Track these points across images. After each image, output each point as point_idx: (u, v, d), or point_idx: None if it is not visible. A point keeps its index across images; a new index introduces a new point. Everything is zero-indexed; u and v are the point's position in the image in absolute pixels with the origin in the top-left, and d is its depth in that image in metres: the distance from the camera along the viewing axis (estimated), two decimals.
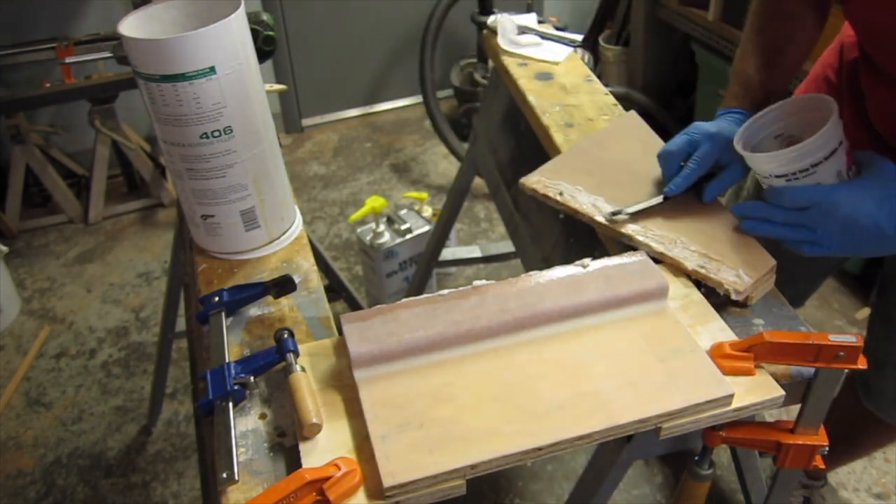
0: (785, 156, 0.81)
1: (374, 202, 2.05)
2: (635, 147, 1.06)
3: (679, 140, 0.93)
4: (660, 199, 0.93)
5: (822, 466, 0.79)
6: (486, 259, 2.10)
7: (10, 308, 2.26)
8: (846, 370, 0.72)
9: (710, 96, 2.56)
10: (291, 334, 0.77)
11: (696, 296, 0.83)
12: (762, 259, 0.85)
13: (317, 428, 0.68)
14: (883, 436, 1.38)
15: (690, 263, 0.85)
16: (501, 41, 1.45)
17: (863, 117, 1.01)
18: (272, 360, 0.75)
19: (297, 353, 0.75)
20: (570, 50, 1.42)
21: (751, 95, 0.97)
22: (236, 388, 0.72)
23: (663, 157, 0.94)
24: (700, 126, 0.93)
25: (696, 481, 0.87)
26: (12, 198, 2.61)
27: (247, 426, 0.71)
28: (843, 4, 0.90)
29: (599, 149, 1.05)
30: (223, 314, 0.83)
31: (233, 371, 0.73)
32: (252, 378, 0.74)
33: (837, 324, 2.10)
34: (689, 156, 0.92)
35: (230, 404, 0.71)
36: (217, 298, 0.84)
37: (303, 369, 0.73)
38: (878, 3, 0.84)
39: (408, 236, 2.09)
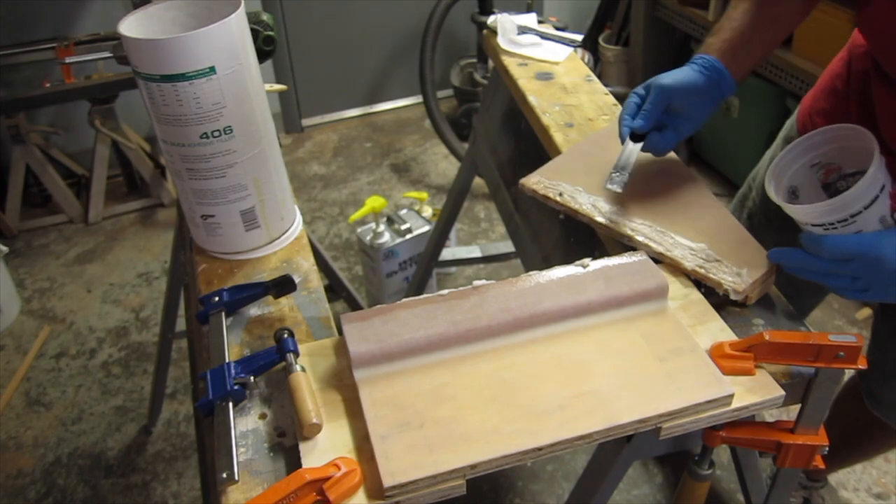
0: (822, 208, 0.76)
1: (374, 202, 2.05)
2: None
3: (638, 90, 0.95)
4: (631, 146, 0.93)
5: (822, 466, 0.79)
6: (486, 259, 2.10)
7: (10, 308, 2.26)
8: (846, 370, 0.72)
9: None
10: (291, 334, 0.77)
11: (696, 296, 0.83)
12: (762, 259, 0.85)
13: (317, 428, 0.68)
14: (887, 442, 1.38)
15: (690, 263, 0.85)
16: (501, 41, 1.45)
17: (872, 130, 1.00)
18: (272, 360, 0.75)
19: (297, 353, 0.75)
20: (570, 50, 1.42)
21: (732, 50, 0.94)
22: (236, 388, 0.72)
23: (624, 108, 0.95)
24: (656, 78, 0.93)
25: (696, 481, 0.87)
26: (12, 198, 2.61)
27: (247, 426, 0.71)
28: (857, 13, 0.89)
29: (599, 149, 1.05)
30: (223, 314, 0.83)
31: (233, 371, 0.73)
32: (252, 378, 0.74)
33: (837, 324, 2.10)
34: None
35: (230, 404, 0.71)
36: (217, 298, 0.84)
37: (303, 369, 0.73)
38: (893, 15, 0.82)
39: (408, 236, 2.10)
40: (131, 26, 0.85)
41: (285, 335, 0.76)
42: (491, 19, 1.50)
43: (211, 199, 0.91)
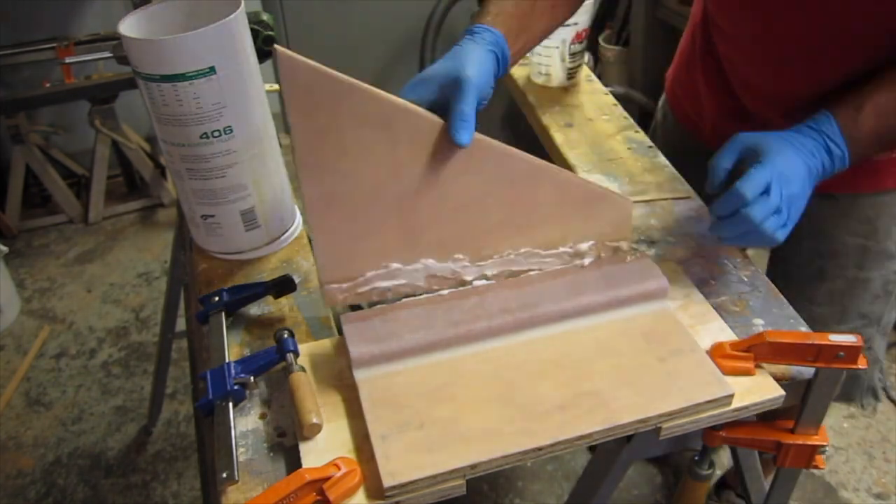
0: None
1: None
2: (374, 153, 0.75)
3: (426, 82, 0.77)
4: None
5: (822, 467, 0.79)
6: None
7: (10, 308, 2.26)
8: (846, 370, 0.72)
9: None
10: (291, 334, 0.77)
11: (696, 296, 0.83)
12: (626, 204, 0.82)
13: (317, 428, 0.68)
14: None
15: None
16: None
17: (724, 86, 1.06)
18: (272, 360, 0.75)
19: (297, 353, 0.75)
20: None
21: (517, 30, 0.86)
22: (236, 388, 0.72)
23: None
24: (458, 68, 0.77)
25: (696, 481, 0.87)
26: (12, 198, 2.61)
27: (247, 426, 0.71)
28: None
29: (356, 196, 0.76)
30: (223, 314, 0.83)
31: (233, 371, 0.73)
32: (252, 378, 0.74)
33: None
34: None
35: (230, 404, 0.71)
36: (217, 298, 0.84)
37: (303, 369, 0.73)
38: None
39: None
40: (131, 26, 0.85)
41: (285, 335, 0.76)
42: None
43: (211, 199, 0.91)
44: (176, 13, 0.90)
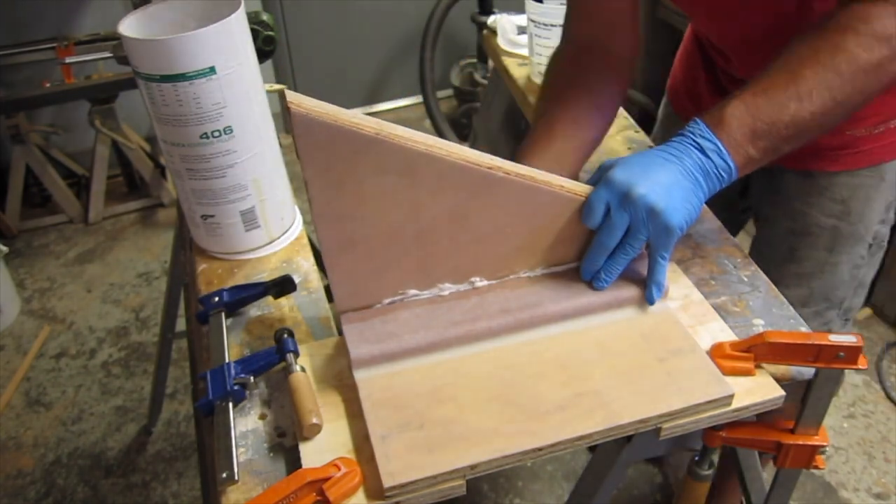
0: None
1: None
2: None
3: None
4: None
5: (822, 467, 0.79)
6: None
7: (10, 308, 2.26)
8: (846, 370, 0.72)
9: None
10: (291, 334, 0.77)
11: (696, 296, 0.83)
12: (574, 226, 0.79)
13: (317, 428, 0.68)
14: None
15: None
16: (501, 41, 1.45)
17: (725, 82, 1.09)
18: (272, 360, 0.75)
19: (297, 354, 0.75)
20: None
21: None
22: (236, 388, 0.72)
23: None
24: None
25: (696, 481, 0.87)
26: (12, 198, 2.61)
27: (247, 426, 0.71)
28: None
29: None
30: (223, 314, 0.83)
31: (233, 371, 0.73)
32: (252, 378, 0.74)
33: None
34: None
35: (230, 404, 0.71)
36: (217, 298, 0.84)
37: (303, 369, 0.73)
38: None
39: None
40: (131, 26, 0.85)
41: (285, 335, 0.76)
42: (491, 19, 1.50)
43: (211, 199, 0.91)
44: (176, 13, 0.90)
